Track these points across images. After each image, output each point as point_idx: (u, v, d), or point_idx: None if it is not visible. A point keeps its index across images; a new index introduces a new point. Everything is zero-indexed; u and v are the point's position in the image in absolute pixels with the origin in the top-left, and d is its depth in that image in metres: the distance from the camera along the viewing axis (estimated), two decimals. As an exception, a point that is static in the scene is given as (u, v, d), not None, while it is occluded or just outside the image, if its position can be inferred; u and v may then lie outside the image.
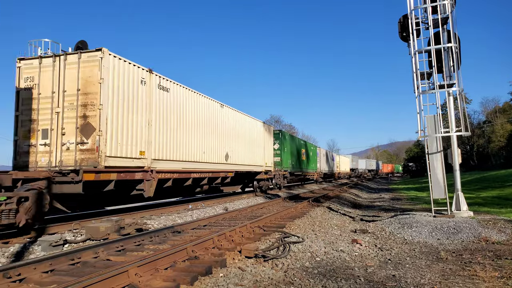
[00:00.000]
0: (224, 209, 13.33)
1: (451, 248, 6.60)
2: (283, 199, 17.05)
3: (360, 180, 52.10)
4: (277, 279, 4.71)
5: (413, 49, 9.71)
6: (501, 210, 10.89)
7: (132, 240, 6.91)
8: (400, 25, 10.24)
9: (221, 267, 5.13)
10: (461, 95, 9.48)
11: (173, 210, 12.71)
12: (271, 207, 13.95)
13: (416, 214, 9.59)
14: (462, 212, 8.97)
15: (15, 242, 7.22)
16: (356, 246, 6.66)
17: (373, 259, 5.88)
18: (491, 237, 7.09)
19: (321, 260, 5.69)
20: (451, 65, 9.45)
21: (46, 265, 5.01)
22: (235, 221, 9.83)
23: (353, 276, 4.86)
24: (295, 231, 7.94)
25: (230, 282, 4.55)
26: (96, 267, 5.17)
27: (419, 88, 9.59)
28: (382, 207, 14.10)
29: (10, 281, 4.47)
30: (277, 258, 5.63)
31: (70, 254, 5.48)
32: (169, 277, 4.52)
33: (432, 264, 5.55)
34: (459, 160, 9.35)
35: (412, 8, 9.76)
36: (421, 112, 9.46)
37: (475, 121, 65.23)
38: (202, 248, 6.01)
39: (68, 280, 4.36)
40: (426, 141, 9.36)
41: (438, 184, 9.13)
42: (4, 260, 6.14)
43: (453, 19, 9.45)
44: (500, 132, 58.82)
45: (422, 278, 4.78)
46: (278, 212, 10.81)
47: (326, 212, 11.95)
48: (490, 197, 15.60)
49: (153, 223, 9.69)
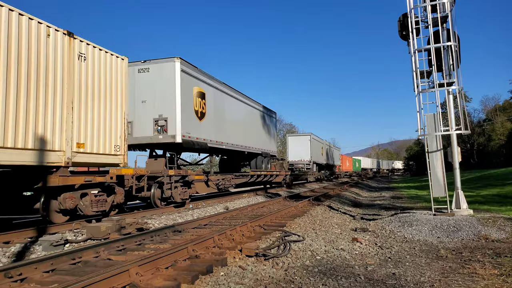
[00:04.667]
0: (224, 208, 13.34)
1: (451, 246, 6.62)
2: (284, 198, 17.07)
3: (361, 178, 52.12)
4: (277, 278, 4.72)
5: (412, 47, 9.72)
6: (501, 208, 10.90)
7: (133, 239, 6.93)
8: (399, 24, 10.24)
9: (222, 266, 5.15)
10: (461, 94, 9.48)
11: (174, 210, 12.73)
12: (272, 206, 13.97)
13: (416, 212, 9.60)
14: (462, 210, 8.99)
15: (16, 242, 7.24)
16: (357, 245, 6.68)
17: (373, 257, 5.90)
18: (491, 235, 7.10)
19: (321, 259, 5.71)
20: (450, 64, 9.46)
21: (47, 264, 5.02)
22: (236, 220, 9.84)
23: (353, 274, 4.88)
24: (296, 230, 7.95)
25: (231, 281, 4.56)
26: (97, 266, 5.18)
27: (419, 86, 9.60)
28: (382, 206, 14.11)
29: (11, 281, 4.49)
30: (278, 257, 5.65)
31: (71, 254, 5.49)
32: (170, 276, 4.54)
33: (432, 262, 5.56)
34: (459, 159, 9.36)
35: (411, 6, 9.76)
36: (421, 111, 9.48)
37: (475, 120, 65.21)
38: (202, 247, 6.03)
39: (69, 279, 4.38)
40: (426, 140, 9.38)
41: (438, 182, 9.15)
42: (5, 259, 6.15)
43: (453, 17, 9.47)
44: (500, 130, 58.81)
45: (422, 276, 4.80)
46: (278, 211, 10.83)
47: (327, 211, 11.97)
48: (490, 195, 15.61)
49: (154, 222, 9.71)
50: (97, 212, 9.22)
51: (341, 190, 23.14)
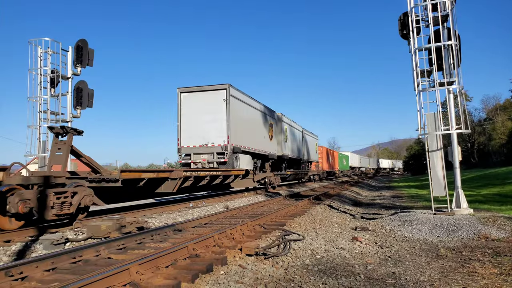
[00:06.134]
0: (225, 207, 13.35)
1: (451, 245, 6.62)
2: (284, 197, 17.08)
3: (361, 178, 52.11)
4: (277, 277, 4.73)
5: (413, 46, 9.70)
6: (501, 208, 10.90)
7: (133, 238, 6.94)
8: (400, 22, 10.22)
9: (222, 265, 5.16)
10: (461, 93, 9.48)
11: (174, 209, 12.75)
12: (272, 205, 13.97)
13: (416, 211, 9.61)
14: (462, 210, 8.99)
15: (17, 240, 7.26)
16: (357, 244, 6.68)
17: (373, 256, 5.91)
18: (491, 234, 7.10)
19: (321, 258, 5.72)
20: (451, 63, 9.45)
21: (48, 263, 5.03)
22: (236, 219, 9.85)
23: (353, 273, 4.89)
24: (296, 229, 7.96)
25: (231, 280, 4.57)
26: (97, 265, 5.19)
27: (419, 85, 9.59)
28: (382, 205, 14.11)
29: (12, 279, 4.50)
30: (278, 256, 5.66)
31: (71, 253, 5.50)
32: (170, 275, 4.55)
33: (432, 261, 5.57)
34: (459, 158, 9.35)
35: (412, 5, 9.74)
36: (421, 110, 9.46)
37: (476, 119, 65.23)
38: (203, 246, 6.04)
39: (69, 278, 4.39)
40: (426, 139, 9.37)
41: (438, 181, 9.15)
42: (6, 258, 6.17)
43: (453, 16, 9.45)
44: (501, 129, 58.80)
45: (422, 275, 4.80)
46: (278, 210, 10.84)
47: (327, 210, 11.98)
48: (491, 195, 15.61)
49: (154, 221, 9.72)
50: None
51: (341, 190, 23.14)
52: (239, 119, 18.72)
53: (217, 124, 17.47)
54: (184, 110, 17.99)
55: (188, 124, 17.85)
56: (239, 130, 18.55)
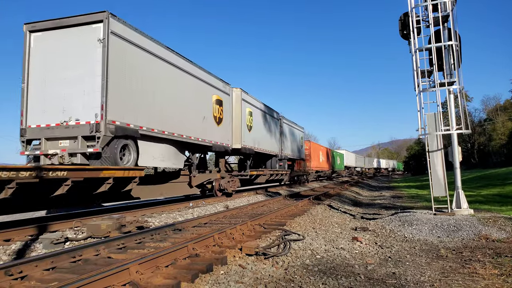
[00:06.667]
0: (225, 207, 13.35)
1: (451, 246, 6.61)
2: (284, 197, 17.07)
3: (361, 178, 52.13)
4: (277, 277, 4.72)
5: (413, 47, 9.70)
6: (501, 208, 10.90)
7: (133, 237, 6.93)
8: (400, 23, 10.22)
9: (222, 265, 5.15)
10: (462, 93, 9.47)
11: (174, 208, 12.74)
12: (272, 205, 13.97)
13: (416, 212, 9.60)
14: (463, 210, 8.98)
15: (17, 239, 7.26)
16: (357, 244, 6.68)
17: (373, 256, 5.90)
18: (491, 235, 7.10)
19: (321, 258, 5.71)
20: (451, 63, 9.44)
21: (47, 262, 5.02)
22: (236, 219, 9.84)
23: (353, 273, 4.88)
24: (296, 229, 7.96)
25: (230, 280, 4.57)
26: (97, 264, 5.18)
27: (419, 86, 9.59)
28: (382, 205, 14.11)
29: (12, 279, 4.49)
30: (278, 256, 5.65)
31: (71, 252, 5.50)
32: (170, 275, 4.54)
33: (432, 261, 5.56)
34: (459, 158, 9.35)
35: (412, 6, 9.74)
36: (422, 110, 9.46)
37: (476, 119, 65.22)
38: (203, 245, 6.03)
39: (69, 277, 4.38)
40: (427, 139, 9.36)
41: (439, 182, 9.14)
42: (6, 257, 6.16)
43: (454, 17, 9.44)
44: (501, 130, 58.83)
45: (422, 275, 4.80)
46: (278, 210, 10.83)
47: (327, 210, 11.97)
48: (491, 195, 15.61)
49: (154, 221, 9.72)
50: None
51: (341, 190, 23.13)
52: (135, 76, 10.73)
53: (85, 85, 9.74)
54: (34, 63, 10.27)
55: (41, 88, 10.13)
56: (137, 97, 10.78)
